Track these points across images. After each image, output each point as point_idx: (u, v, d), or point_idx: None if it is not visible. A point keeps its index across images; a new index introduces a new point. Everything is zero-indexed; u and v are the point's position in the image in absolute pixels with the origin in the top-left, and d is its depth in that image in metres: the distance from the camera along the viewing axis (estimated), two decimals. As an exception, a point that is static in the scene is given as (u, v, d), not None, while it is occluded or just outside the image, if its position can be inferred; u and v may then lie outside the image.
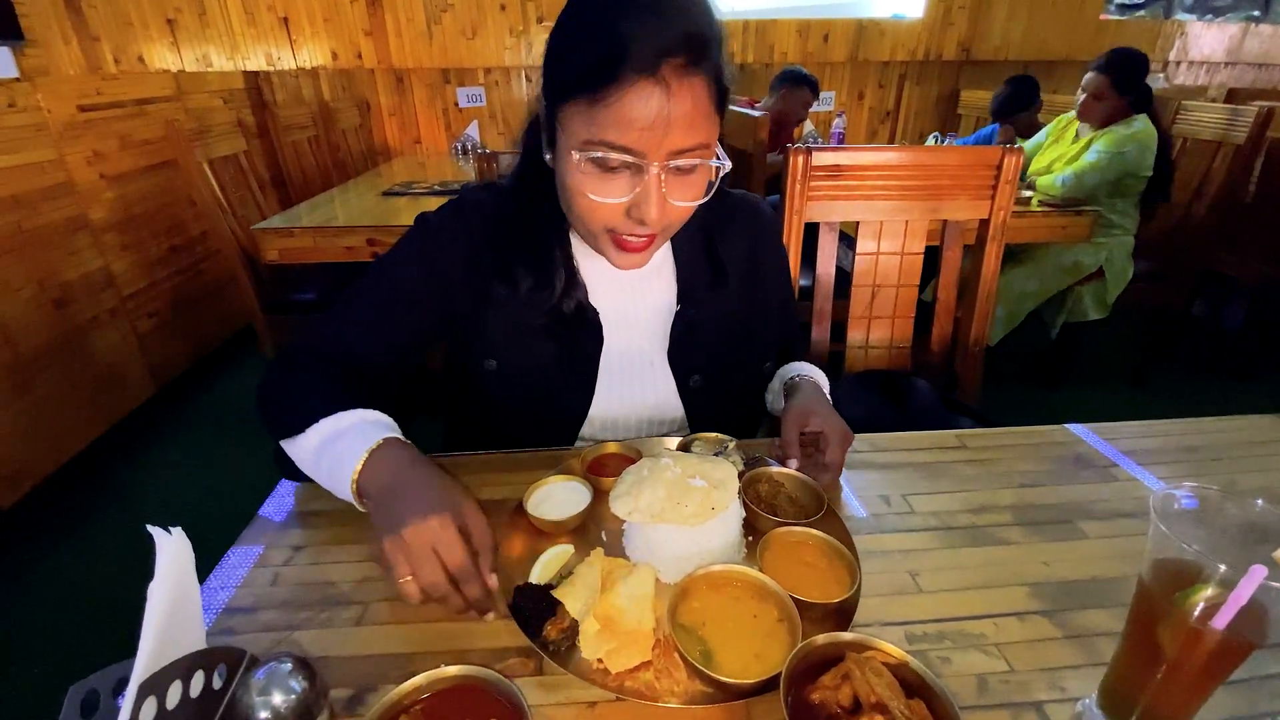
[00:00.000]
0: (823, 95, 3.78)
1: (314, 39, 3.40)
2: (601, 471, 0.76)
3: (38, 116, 2.12)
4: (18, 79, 2.07)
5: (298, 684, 0.47)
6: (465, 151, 3.43)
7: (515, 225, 0.83)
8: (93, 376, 2.25)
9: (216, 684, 0.49)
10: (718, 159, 0.70)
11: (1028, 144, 2.72)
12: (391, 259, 0.85)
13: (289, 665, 0.48)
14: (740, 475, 0.71)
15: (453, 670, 0.49)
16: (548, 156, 0.75)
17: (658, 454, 0.70)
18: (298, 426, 0.68)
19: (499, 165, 1.10)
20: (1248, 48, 4.37)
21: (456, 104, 3.66)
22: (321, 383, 0.73)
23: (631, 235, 0.72)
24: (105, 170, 2.38)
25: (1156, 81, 4.14)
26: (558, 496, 0.72)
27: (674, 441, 0.83)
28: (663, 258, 0.88)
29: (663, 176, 0.67)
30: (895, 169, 1.22)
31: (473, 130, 3.54)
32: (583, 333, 0.84)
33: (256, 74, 3.42)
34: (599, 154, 0.66)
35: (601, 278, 0.85)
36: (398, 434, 0.67)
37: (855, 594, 0.59)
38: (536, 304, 0.82)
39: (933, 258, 1.31)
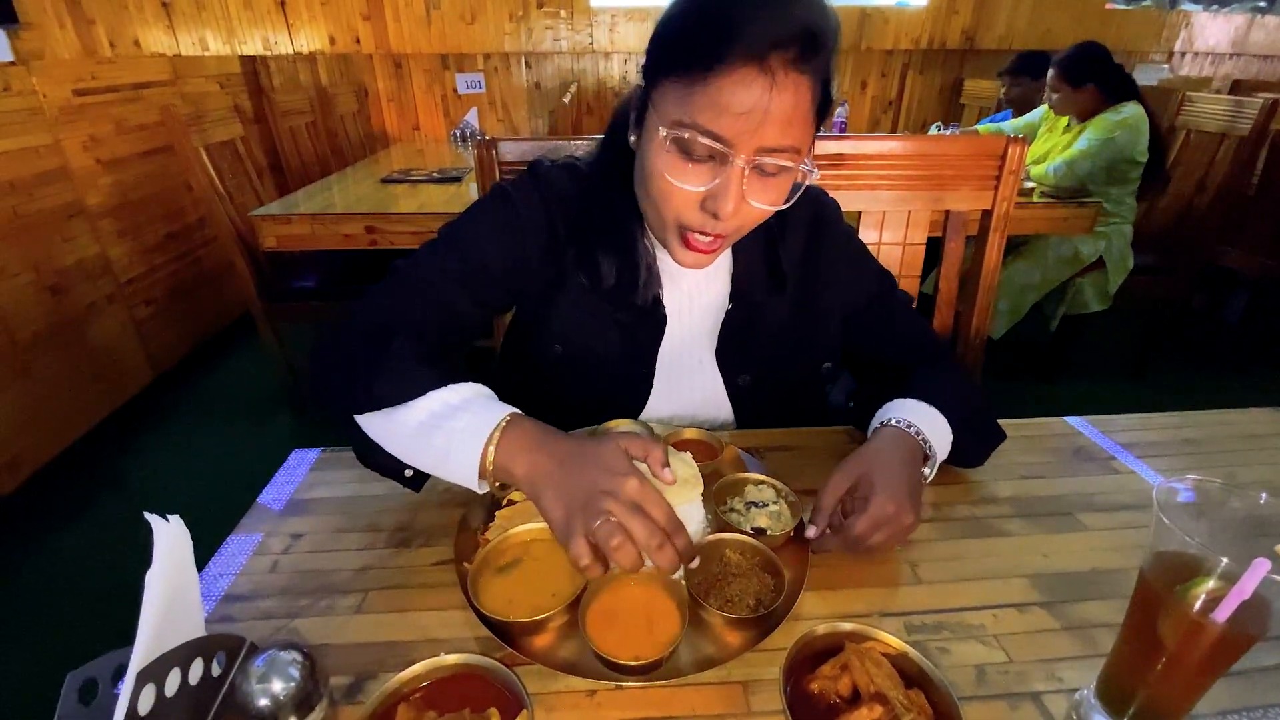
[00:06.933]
0: (825, 84, 3.74)
1: (311, 23, 3.36)
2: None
3: (33, 101, 2.09)
4: (12, 63, 2.04)
5: (297, 671, 0.47)
6: (464, 139, 3.40)
7: (599, 213, 0.80)
8: (90, 363, 2.24)
9: (215, 671, 0.49)
10: (806, 165, 0.67)
11: (1020, 121, 2.71)
12: (467, 229, 0.80)
13: (288, 653, 0.48)
14: (747, 530, 0.64)
15: (452, 659, 0.49)
16: (632, 138, 0.73)
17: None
18: (394, 399, 0.61)
19: (498, 152, 1.09)
20: (1253, 39, 4.34)
21: (455, 90, 3.63)
22: (410, 353, 0.65)
23: (701, 234, 0.69)
24: (101, 155, 2.36)
25: (1161, 72, 4.11)
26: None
27: (735, 452, 0.78)
28: (722, 254, 0.83)
29: (746, 172, 0.64)
30: (899, 158, 1.21)
31: (472, 117, 3.50)
32: (647, 326, 0.83)
33: (253, 59, 3.38)
34: (686, 135, 0.63)
35: (666, 271, 0.83)
36: (516, 410, 0.62)
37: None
38: (613, 295, 0.80)
39: (933, 250, 1.30)
